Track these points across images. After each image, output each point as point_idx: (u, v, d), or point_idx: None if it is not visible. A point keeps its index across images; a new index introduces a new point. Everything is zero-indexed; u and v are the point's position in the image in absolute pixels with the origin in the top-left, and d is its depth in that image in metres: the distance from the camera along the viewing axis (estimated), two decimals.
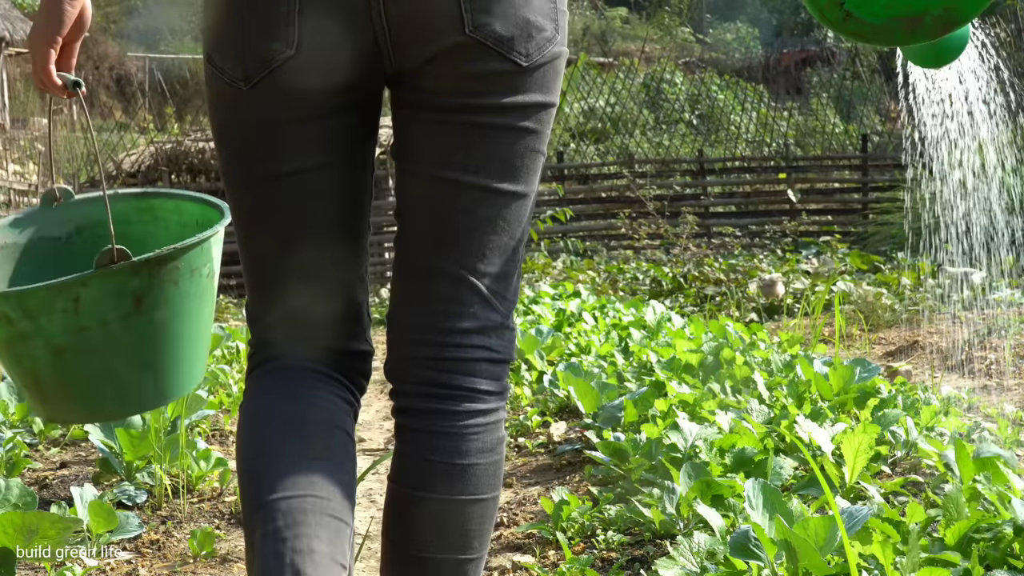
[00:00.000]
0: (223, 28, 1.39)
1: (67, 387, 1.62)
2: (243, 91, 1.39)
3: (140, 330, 1.58)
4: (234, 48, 1.39)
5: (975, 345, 5.00)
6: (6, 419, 3.36)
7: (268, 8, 1.35)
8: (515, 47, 1.37)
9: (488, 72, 1.37)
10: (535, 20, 1.37)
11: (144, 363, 1.62)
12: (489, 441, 1.43)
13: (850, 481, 2.32)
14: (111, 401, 1.66)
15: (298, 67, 1.36)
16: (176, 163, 12.61)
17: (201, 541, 2.39)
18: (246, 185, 1.47)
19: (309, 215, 1.45)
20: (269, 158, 1.43)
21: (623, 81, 17.87)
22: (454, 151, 1.39)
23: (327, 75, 1.37)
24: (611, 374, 3.78)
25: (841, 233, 12.30)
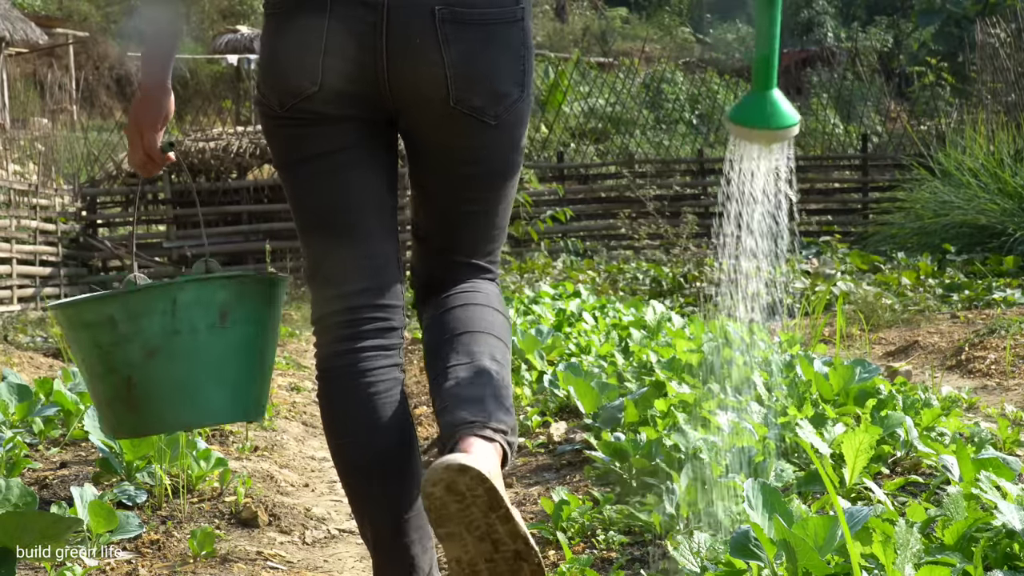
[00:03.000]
0: (268, 68, 1.89)
1: (153, 391, 1.80)
2: (278, 112, 1.87)
3: (223, 343, 1.81)
4: (275, 82, 1.87)
5: (975, 345, 5.00)
6: (6, 419, 3.36)
7: (301, 56, 1.82)
8: (487, 112, 1.85)
9: (465, 129, 1.86)
10: (504, 90, 1.85)
11: (222, 376, 1.83)
12: (492, 289, 1.99)
13: (850, 481, 2.32)
14: (191, 409, 1.83)
15: (319, 98, 1.84)
16: (176, 163, 12.60)
17: (201, 541, 2.39)
18: (287, 168, 1.91)
19: (348, 193, 1.88)
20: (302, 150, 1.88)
21: (623, 81, 17.86)
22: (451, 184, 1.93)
23: (339, 107, 1.85)
24: (611, 374, 3.78)
25: (841, 233, 12.30)
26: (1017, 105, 12.22)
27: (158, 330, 1.77)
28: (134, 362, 1.78)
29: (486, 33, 1.82)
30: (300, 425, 4.39)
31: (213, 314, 1.80)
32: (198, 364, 1.80)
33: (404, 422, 1.85)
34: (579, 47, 25.14)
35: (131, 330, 1.77)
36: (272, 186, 12.34)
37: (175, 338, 1.78)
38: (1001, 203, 9.37)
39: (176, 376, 1.80)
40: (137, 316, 1.78)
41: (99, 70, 23.72)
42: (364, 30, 1.80)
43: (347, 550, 2.70)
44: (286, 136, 1.89)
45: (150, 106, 1.88)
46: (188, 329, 1.79)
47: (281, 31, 1.85)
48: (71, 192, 12.27)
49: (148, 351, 1.77)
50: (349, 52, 1.80)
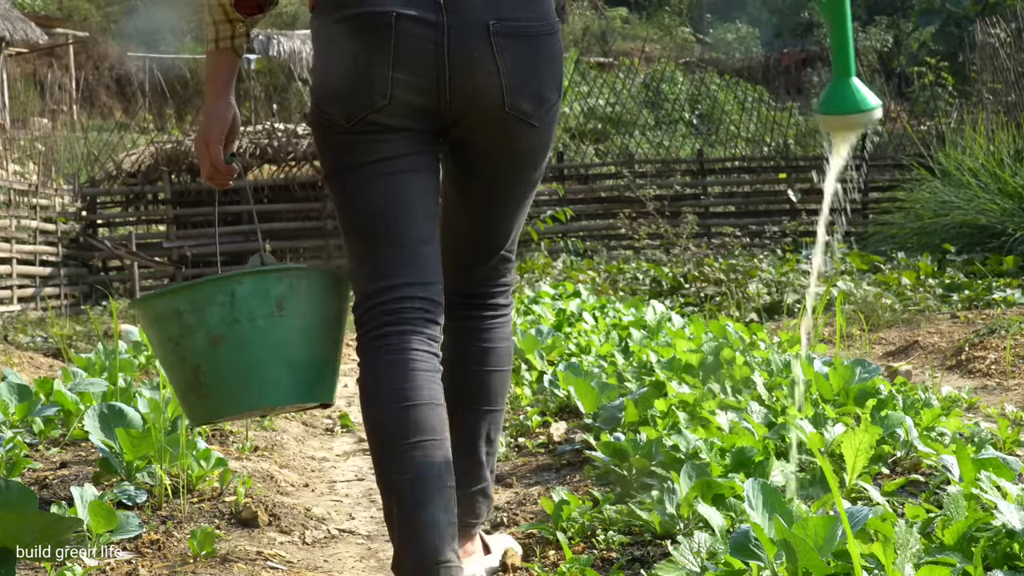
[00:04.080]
0: (333, 84, 2.01)
1: (221, 377, 1.96)
2: (344, 127, 2.00)
3: (281, 330, 1.96)
4: (340, 99, 2.00)
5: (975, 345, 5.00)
6: (6, 419, 3.36)
7: (369, 73, 1.96)
8: (533, 115, 2.05)
9: (513, 132, 2.05)
10: (547, 94, 2.06)
11: (283, 360, 1.97)
12: (506, 332, 2.28)
13: (850, 481, 2.32)
14: (256, 392, 1.97)
15: (387, 111, 1.98)
16: (176, 163, 12.60)
17: (201, 541, 2.39)
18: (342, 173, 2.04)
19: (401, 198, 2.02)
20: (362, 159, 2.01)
21: (623, 81, 17.86)
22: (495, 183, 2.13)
23: (403, 119, 2.00)
24: (611, 374, 3.78)
25: (841, 233, 12.30)
26: (1017, 105, 12.22)
27: (218, 320, 1.94)
28: (200, 351, 1.95)
29: (532, 44, 2.04)
30: (300, 425, 4.39)
31: (271, 304, 1.96)
32: (259, 350, 1.95)
33: (437, 407, 1.95)
34: (579, 47, 25.12)
35: (195, 321, 1.94)
36: (272, 186, 12.34)
37: (236, 326, 1.94)
38: (1001, 203, 9.37)
39: (239, 362, 1.95)
40: (200, 308, 1.95)
41: (99, 70, 23.71)
42: (428, 47, 1.96)
43: (347, 550, 2.70)
44: (347, 144, 2.02)
45: (214, 121, 2.09)
46: (247, 318, 1.95)
47: (346, 50, 1.98)
48: (71, 192, 12.27)
49: (212, 339, 1.94)
50: (416, 68, 1.96)
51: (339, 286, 2.09)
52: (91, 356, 4.50)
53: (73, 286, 11.85)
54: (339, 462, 3.81)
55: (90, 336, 7.62)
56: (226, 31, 2.09)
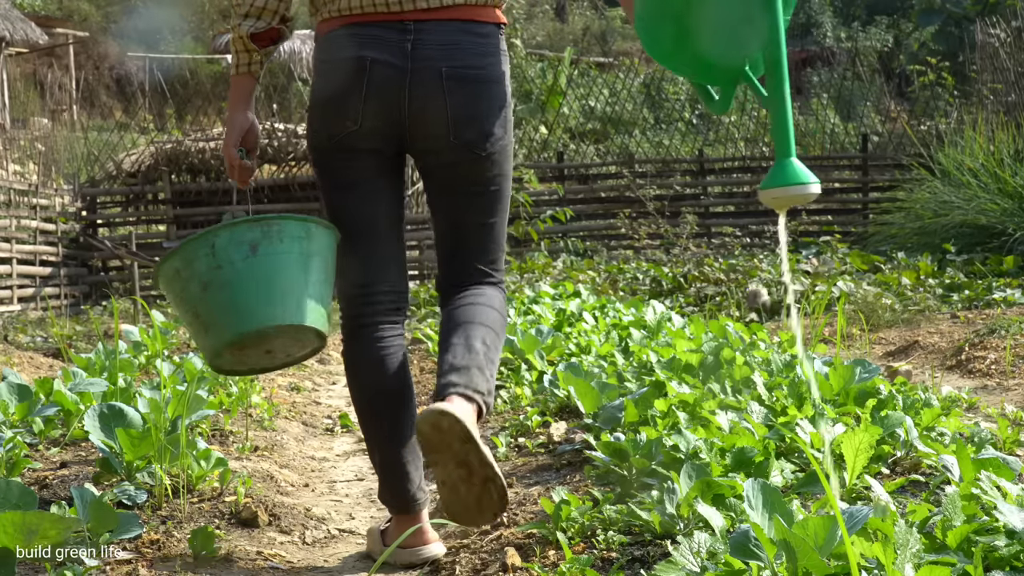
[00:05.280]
0: (320, 110, 2.51)
1: (212, 314, 2.33)
2: (328, 144, 2.50)
3: (257, 269, 2.32)
4: (325, 122, 2.50)
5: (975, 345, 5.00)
6: (6, 419, 3.36)
7: (346, 103, 2.45)
8: (478, 146, 2.48)
9: (462, 158, 2.49)
10: (492, 130, 2.48)
11: (260, 293, 2.32)
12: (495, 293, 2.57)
13: (850, 481, 2.32)
14: (240, 321, 2.32)
15: (357, 135, 2.47)
16: (176, 163, 12.60)
17: (201, 541, 2.39)
18: (330, 196, 2.55)
19: (368, 216, 2.53)
20: (341, 176, 2.52)
21: (623, 81, 17.85)
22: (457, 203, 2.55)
23: (370, 142, 2.48)
24: (611, 374, 3.78)
25: (841, 233, 12.29)
26: (1017, 105, 12.22)
27: (205, 268, 2.32)
28: (196, 297, 2.33)
29: (479, 88, 2.46)
30: (300, 425, 4.39)
31: (245, 248, 2.32)
32: (238, 287, 2.32)
33: (405, 374, 2.54)
34: (579, 47, 25.12)
35: (189, 274, 2.33)
36: (272, 186, 12.35)
37: (218, 271, 2.31)
38: (1001, 203, 9.36)
39: (224, 299, 2.32)
40: (190, 262, 2.33)
41: (99, 70, 23.71)
42: (393, 86, 2.43)
43: (347, 550, 2.70)
44: (330, 166, 2.52)
45: (233, 129, 2.57)
46: (227, 262, 2.31)
47: (331, 84, 2.48)
48: (71, 192, 12.27)
49: (202, 286, 2.32)
50: (383, 101, 2.43)
51: (311, 230, 2.40)
52: (91, 356, 4.50)
53: (73, 286, 11.85)
54: (339, 462, 3.81)
55: (90, 336, 7.62)
56: (245, 59, 2.57)
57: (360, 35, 2.45)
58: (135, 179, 12.62)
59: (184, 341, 6.25)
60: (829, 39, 29.46)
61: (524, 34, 24.68)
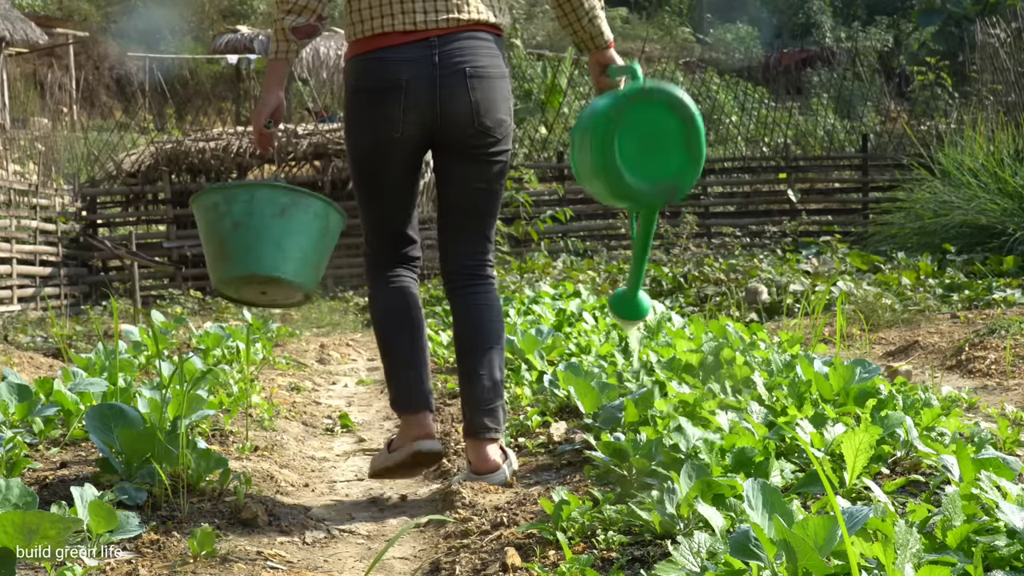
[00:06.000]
0: (365, 123, 3.01)
1: (235, 249, 2.87)
2: (371, 151, 3.03)
3: (281, 227, 2.86)
4: (370, 132, 3.01)
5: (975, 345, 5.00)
6: (6, 419, 3.36)
7: (390, 115, 2.96)
8: (493, 130, 3.02)
9: (482, 140, 3.02)
10: (502, 117, 3.03)
11: (278, 245, 2.87)
12: (495, 294, 3.12)
13: (850, 481, 2.32)
14: (255, 261, 2.86)
15: (398, 140, 2.99)
16: (176, 163, 12.60)
17: (201, 541, 2.39)
18: (368, 183, 3.09)
19: (398, 195, 3.10)
20: (379, 172, 3.06)
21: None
22: (471, 173, 3.06)
23: (406, 144, 3.01)
24: (611, 374, 3.78)
25: (841, 233, 12.29)
26: (1017, 105, 12.22)
27: (240, 212, 2.86)
28: (227, 230, 2.86)
29: (492, 83, 3.00)
30: (300, 425, 4.39)
31: (277, 208, 2.86)
32: (262, 235, 2.85)
33: (418, 306, 3.13)
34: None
35: (225, 210, 2.87)
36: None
37: (250, 218, 2.85)
38: (1001, 203, 9.36)
39: (248, 241, 2.85)
40: (229, 201, 2.86)
41: (99, 70, 23.71)
42: (426, 96, 2.94)
43: (347, 550, 2.70)
44: (370, 166, 3.06)
45: (266, 105, 3.04)
46: (258, 214, 2.85)
47: (374, 102, 2.97)
48: (71, 192, 12.27)
49: (233, 224, 2.86)
50: (419, 111, 2.95)
51: (330, 213, 2.96)
52: (91, 356, 4.50)
53: (73, 286, 11.85)
54: (339, 462, 3.81)
55: (90, 336, 7.62)
56: (284, 47, 3.03)
57: (395, 58, 2.94)
58: (135, 179, 12.61)
59: (184, 341, 6.25)
60: (829, 39, 29.47)
61: (524, 34, 24.69)
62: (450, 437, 3.68)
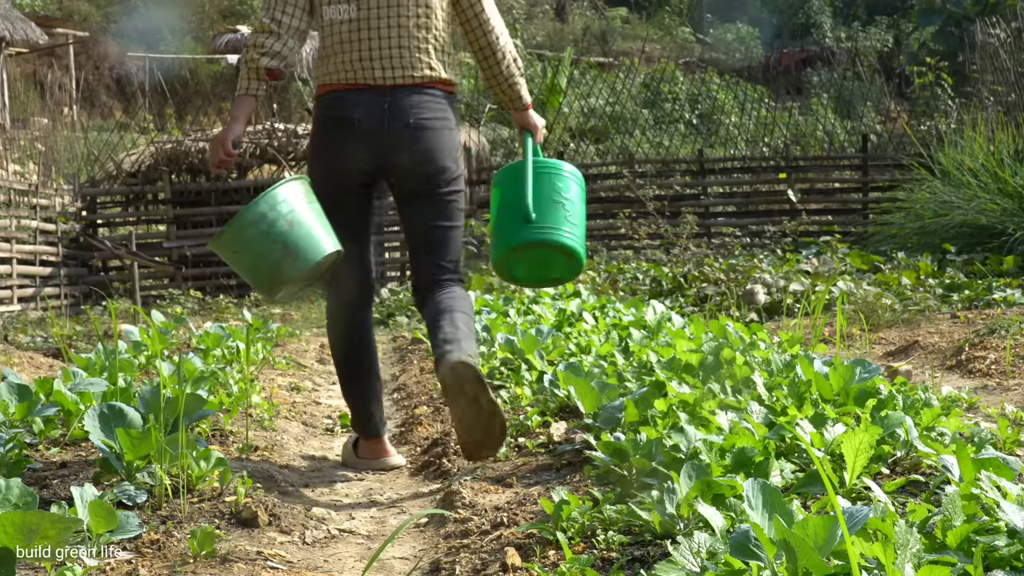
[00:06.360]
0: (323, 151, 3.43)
1: (298, 243, 3.14)
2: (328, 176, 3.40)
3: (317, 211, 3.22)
4: (327, 159, 3.42)
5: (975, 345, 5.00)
6: (6, 419, 3.36)
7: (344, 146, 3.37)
8: (436, 177, 3.40)
9: (427, 184, 3.41)
10: (444, 164, 3.40)
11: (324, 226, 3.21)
12: (461, 289, 3.42)
13: (850, 481, 2.32)
14: (321, 247, 3.17)
15: (349, 169, 3.40)
16: (176, 163, 12.60)
17: (201, 541, 2.39)
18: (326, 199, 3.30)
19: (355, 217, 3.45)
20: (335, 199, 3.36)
21: (623, 81, 17.86)
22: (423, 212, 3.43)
23: (358, 174, 3.41)
24: (611, 374, 3.78)
25: (841, 233, 12.29)
26: (1017, 105, 12.22)
27: (287, 210, 3.13)
28: (285, 231, 3.11)
29: (434, 134, 3.37)
30: (300, 425, 4.39)
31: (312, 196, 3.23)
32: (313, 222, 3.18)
33: (371, 347, 3.57)
34: (579, 47, 25.09)
35: (274, 217, 3.12)
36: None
37: (293, 214, 3.14)
38: (1001, 203, 9.36)
39: (308, 231, 3.15)
40: (273, 205, 3.12)
41: (99, 70, 23.70)
42: (376, 134, 3.34)
43: (347, 550, 2.70)
44: (328, 190, 3.34)
45: (228, 134, 3.38)
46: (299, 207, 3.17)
47: (332, 133, 3.39)
48: (71, 192, 12.26)
49: (288, 223, 3.13)
50: (368, 144, 3.35)
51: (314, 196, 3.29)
52: (91, 356, 4.50)
53: (73, 286, 11.85)
54: (339, 462, 3.81)
55: (90, 336, 7.62)
56: (255, 85, 3.38)
57: (352, 99, 3.37)
58: (135, 179, 12.61)
59: (184, 341, 6.26)
60: (829, 39, 29.46)
61: (524, 34, 24.70)
62: (449, 437, 3.68)
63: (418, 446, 3.88)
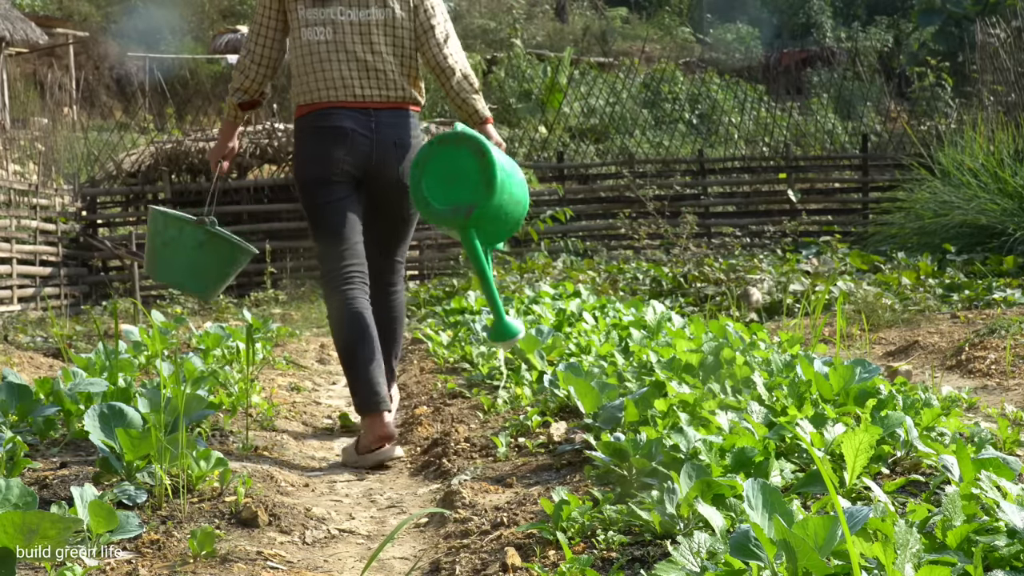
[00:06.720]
0: (311, 158, 3.80)
1: (159, 260, 3.86)
2: (315, 181, 3.80)
3: (195, 256, 3.79)
4: (315, 167, 3.80)
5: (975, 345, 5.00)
6: (6, 419, 3.36)
7: (332, 155, 3.76)
8: (406, 184, 3.74)
9: (399, 191, 3.87)
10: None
11: (190, 267, 3.86)
12: (401, 299, 4.10)
13: (850, 481, 2.32)
14: (169, 274, 3.93)
15: (337, 175, 3.78)
16: (176, 163, 12.59)
17: (201, 541, 2.39)
18: (315, 207, 3.82)
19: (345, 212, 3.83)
20: (323, 199, 3.80)
21: (623, 81, 17.86)
22: (394, 208, 3.94)
23: (345, 179, 3.81)
24: (611, 374, 3.78)
25: (841, 233, 12.29)
26: (1017, 105, 12.22)
27: (171, 236, 3.82)
28: (157, 246, 3.87)
29: (411, 152, 3.83)
30: (300, 425, 4.39)
31: (196, 242, 3.82)
32: (179, 257, 3.84)
33: (371, 323, 3.77)
34: (579, 47, 25.09)
35: (160, 230, 3.85)
36: (272, 186, 12.35)
37: (175, 243, 3.81)
38: (1001, 203, 9.36)
39: (168, 258, 3.86)
40: (167, 226, 3.84)
41: (99, 70, 23.70)
42: (365, 148, 3.79)
43: (347, 550, 2.70)
44: (317, 192, 3.80)
45: (219, 150, 4.08)
46: (182, 243, 3.82)
47: (322, 142, 3.77)
48: (71, 192, 12.26)
49: (163, 243, 3.81)
50: (357, 155, 3.78)
51: (237, 253, 3.92)
52: (91, 356, 4.50)
53: (73, 286, 11.85)
54: (339, 462, 3.81)
55: (90, 336, 7.62)
56: (234, 114, 3.99)
57: (342, 113, 3.75)
58: (135, 179, 12.61)
59: (184, 341, 6.25)
60: (829, 39, 29.46)
61: (524, 34, 24.70)
62: (449, 437, 3.68)
63: (418, 446, 3.88)
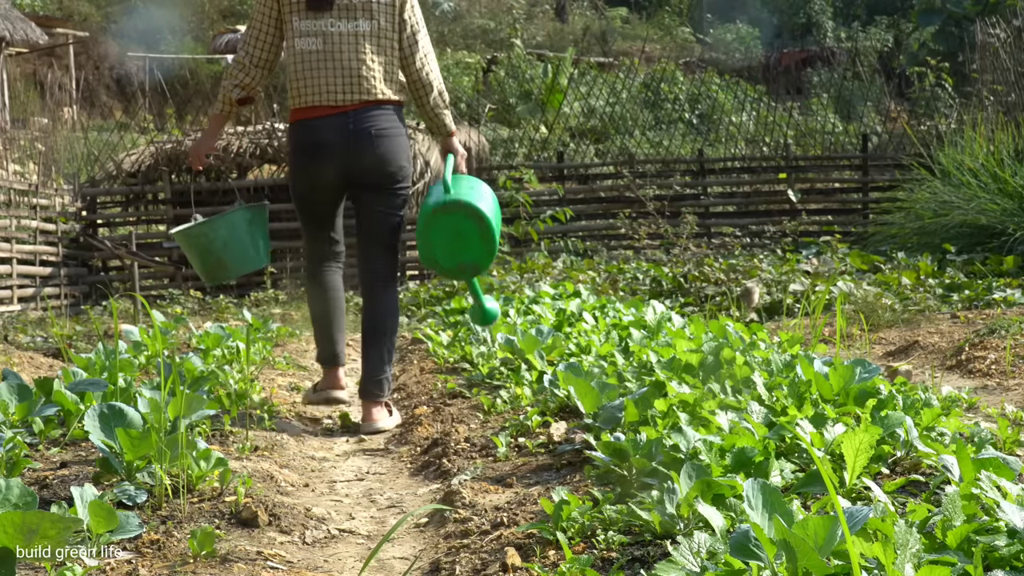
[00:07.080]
0: (299, 171, 4.35)
1: (231, 258, 4.43)
2: (305, 189, 4.38)
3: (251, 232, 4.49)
4: (302, 178, 4.36)
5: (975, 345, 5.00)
6: (6, 419, 3.36)
7: (319, 166, 4.29)
8: (391, 177, 4.30)
9: (386, 180, 4.30)
10: (401, 164, 4.30)
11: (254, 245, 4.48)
12: (394, 294, 4.36)
13: (850, 481, 2.32)
14: (250, 261, 4.47)
15: (323, 183, 4.34)
16: (176, 163, 12.59)
17: (201, 541, 2.39)
18: (305, 210, 4.43)
19: (325, 217, 4.44)
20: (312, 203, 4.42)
21: (623, 81, 17.85)
22: (379, 201, 4.32)
23: (331, 176, 4.31)
24: (611, 374, 3.78)
25: (841, 233, 12.29)
26: (1017, 105, 12.22)
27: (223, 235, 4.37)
28: (220, 249, 4.37)
29: (391, 140, 4.23)
30: (300, 425, 4.39)
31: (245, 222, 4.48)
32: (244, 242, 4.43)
33: (340, 295, 4.47)
34: (579, 47, 25.09)
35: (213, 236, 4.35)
36: (272, 186, 12.34)
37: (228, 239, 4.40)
38: (1001, 203, 9.36)
39: (234, 253, 4.41)
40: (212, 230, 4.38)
41: (99, 70, 23.70)
42: (344, 151, 4.21)
43: (347, 550, 2.70)
44: (305, 197, 4.37)
45: (203, 145, 4.51)
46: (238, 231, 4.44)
47: (305, 157, 4.27)
48: (71, 192, 12.26)
49: (224, 243, 4.34)
50: (338, 162, 4.23)
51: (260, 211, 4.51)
52: (91, 356, 4.50)
53: (73, 286, 11.85)
54: (339, 462, 3.81)
55: (90, 336, 7.62)
56: (228, 108, 4.37)
57: (320, 125, 4.20)
58: (135, 179, 12.61)
59: (184, 341, 6.25)
60: (829, 39, 29.46)
61: (524, 34, 24.69)
62: (449, 437, 3.68)
63: (418, 446, 3.88)
